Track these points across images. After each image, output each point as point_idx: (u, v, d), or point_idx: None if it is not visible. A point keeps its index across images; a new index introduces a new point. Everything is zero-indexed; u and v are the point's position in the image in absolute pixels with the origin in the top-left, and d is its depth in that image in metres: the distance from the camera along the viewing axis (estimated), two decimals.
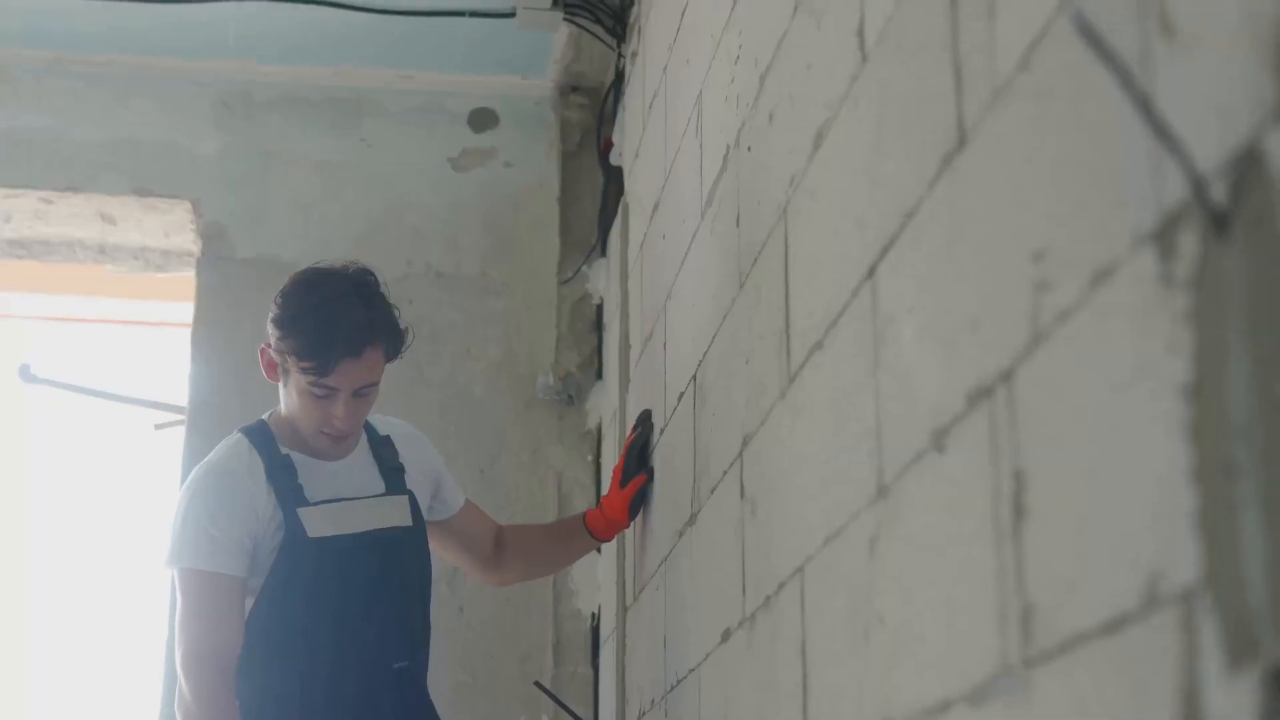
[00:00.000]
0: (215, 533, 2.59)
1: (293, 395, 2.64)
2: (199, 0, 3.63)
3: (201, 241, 3.84)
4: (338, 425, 2.63)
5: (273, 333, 2.64)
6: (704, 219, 2.58)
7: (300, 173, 3.90)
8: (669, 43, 3.04)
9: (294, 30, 3.78)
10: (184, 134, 3.88)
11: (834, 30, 1.82)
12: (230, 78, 3.91)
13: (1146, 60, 1.03)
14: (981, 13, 1.35)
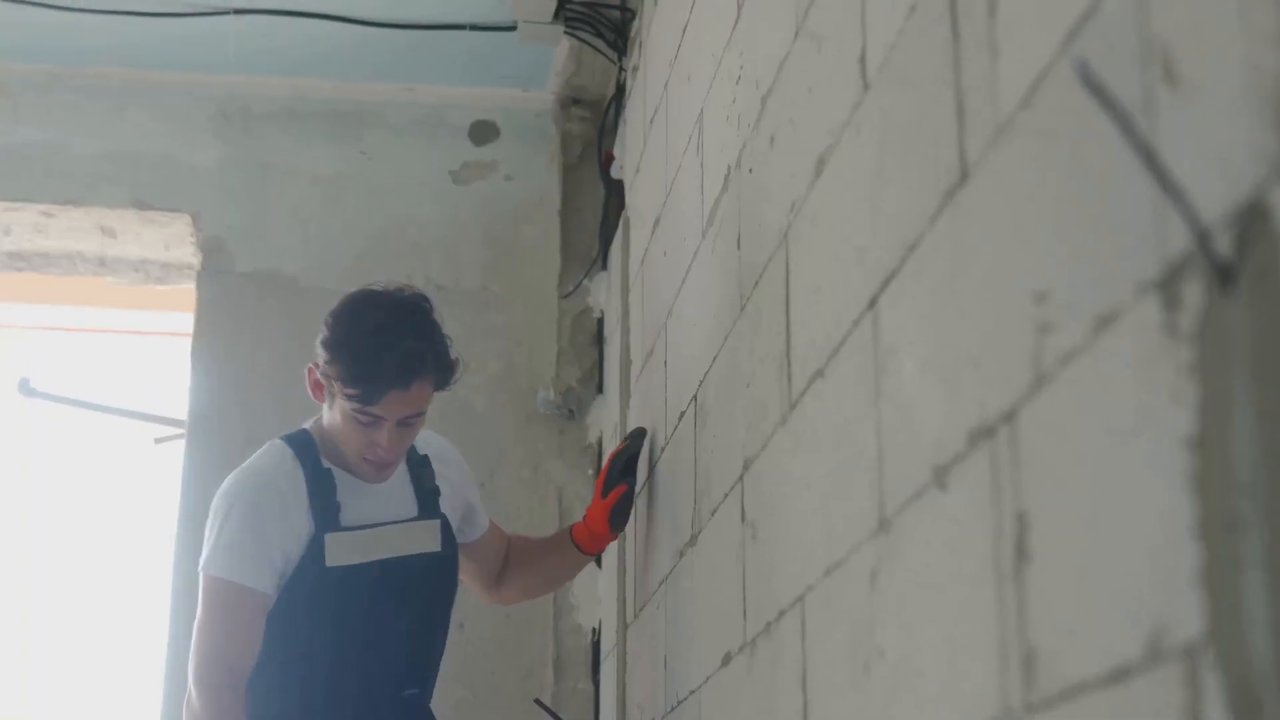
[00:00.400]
0: (251, 546, 2.57)
1: (337, 418, 2.60)
2: (197, 14, 3.62)
3: (201, 255, 3.83)
4: (381, 454, 2.59)
5: (321, 354, 2.59)
6: (705, 238, 2.58)
7: (300, 186, 3.89)
8: (670, 58, 3.04)
9: (294, 44, 3.78)
10: (183, 147, 3.88)
11: (835, 56, 1.81)
12: (230, 90, 3.90)
13: (1149, 107, 1.03)
14: (984, 48, 1.34)
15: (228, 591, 2.58)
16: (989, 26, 1.33)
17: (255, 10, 3.62)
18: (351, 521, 2.63)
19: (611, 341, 3.72)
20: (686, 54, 2.88)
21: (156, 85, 3.88)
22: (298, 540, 2.59)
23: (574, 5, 3.58)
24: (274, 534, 2.58)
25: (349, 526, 2.62)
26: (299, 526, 2.59)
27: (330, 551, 2.59)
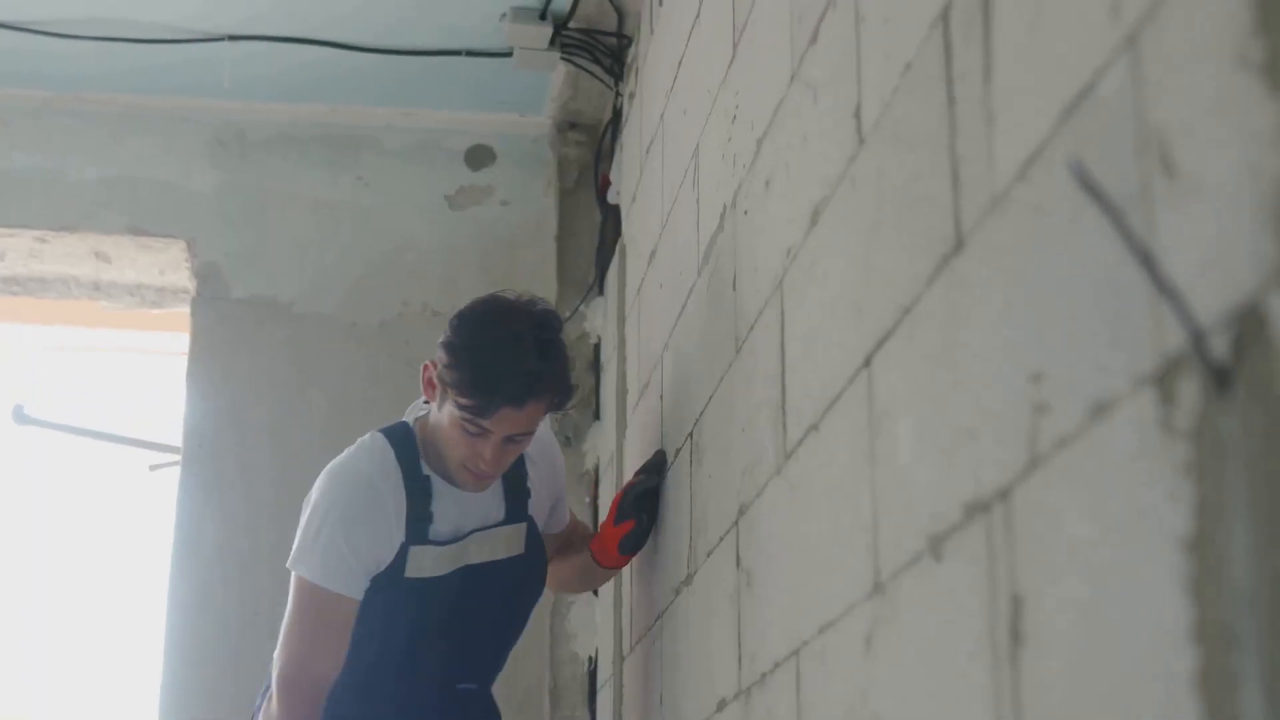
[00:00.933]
0: (347, 552, 2.53)
1: (444, 422, 2.53)
2: (192, 41, 3.61)
3: (196, 281, 3.81)
4: (483, 467, 2.54)
5: (441, 356, 2.51)
6: (700, 275, 2.56)
7: (296, 211, 3.87)
8: (666, 89, 3.02)
9: (289, 69, 3.76)
10: (179, 172, 3.86)
11: (831, 106, 1.80)
12: (226, 116, 3.89)
13: (1146, 197, 1.01)
14: (979, 115, 1.32)
15: (320, 598, 2.55)
16: (984, 93, 1.31)
17: (250, 36, 3.61)
18: (441, 532, 2.59)
19: (608, 368, 3.70)
20: (682, 87, 2.86)
21: (152, 111, 3.87)
22: (389, 548, 2.56)
23: (570, 32, 3.57)
24: (371, 541, 2.55)
25: (436, 540, 2.59)
26: (393, 534, 2.56)
27: (412, 564, 2.57)
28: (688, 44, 2.82)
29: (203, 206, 3.85)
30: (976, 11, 1.34)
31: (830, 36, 1.82)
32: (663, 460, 2.80)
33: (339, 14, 3.59)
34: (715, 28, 2.54)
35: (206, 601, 3.66)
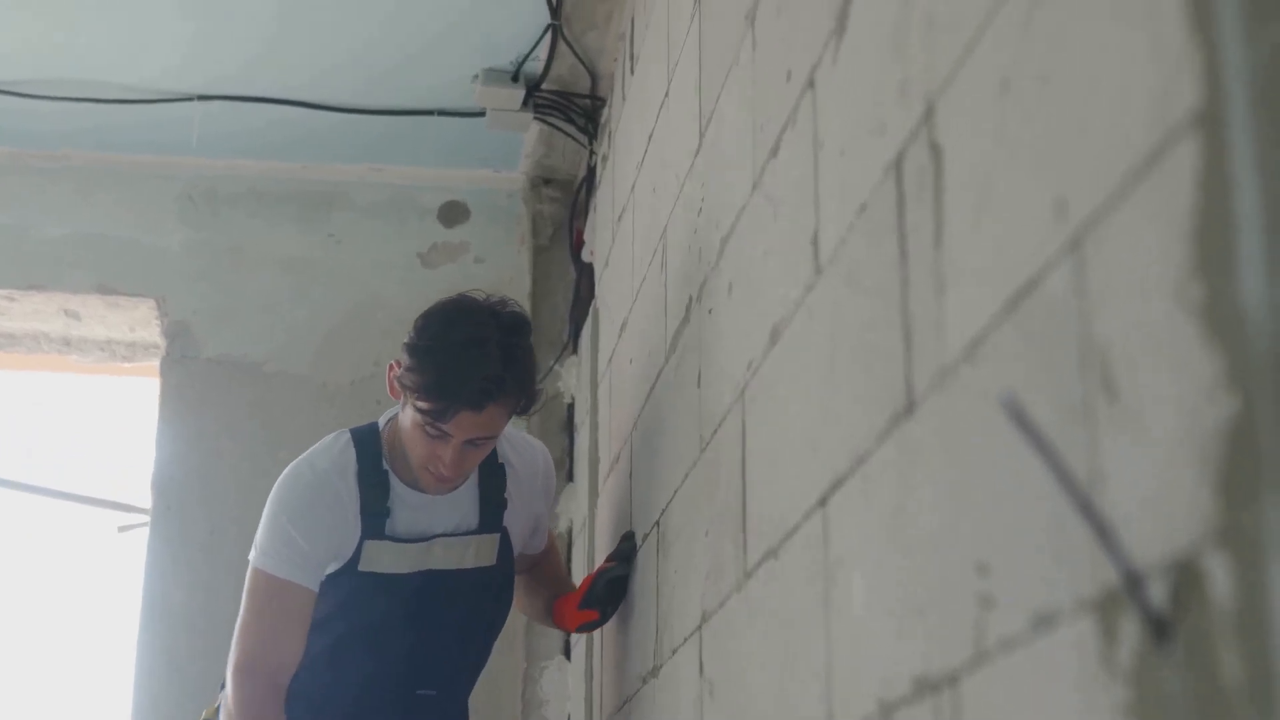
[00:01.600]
0: (303, 543, 2.53)
1: (406, 423, 2.51)
2: (160, 101, 3.57)
3: (165, 340, 3.77)
4: (443, 470, 2.51)
5: (403, 358, 2.49)
6: (668, 363, 2.53)
7: (267, 269, 3.84)
8: (637, 161, 2.99)
9: (259, 127, 3.73)
10: (148, 230, 3.83)
11: (790, 227, 1.77)
12: (195, 172, 3.85)
13: (1088, 415, 0.98)
14: (930, 280, 1.29)
15: (275, 587, 2.54)
16: (935, 258, 1.28)
17: (219, 96, 3.57)
18: (399, 531, 2.57)
19: (582, 430, 3.67)
20: (653, 163, 2.83)
21: (121, 168, 3.83)
22: (346, 542, 2.55)
23: (543, 93, 3.53)
24: (324, 532, 2.54)
25: (394, 537, 2.56)
26: (349, 528, 2.55)
27: (366, 557, 2.55)
28: (658, 119, 2.79)
29: (172, 264, 3.81)
30: (928, 168, 1.31)
31: (790, 153, 1.79)
32: (632, 548, 2.75)
33: (308, 74, 3.56)
34: (683, 112, 2.51)
35: (174, 663, 3.62)
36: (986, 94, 1.19)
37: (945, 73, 1.28)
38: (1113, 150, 0.97)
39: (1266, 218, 0.81)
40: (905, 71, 1.39)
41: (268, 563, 2.56)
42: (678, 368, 2.44)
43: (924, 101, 1.33)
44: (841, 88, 1.59)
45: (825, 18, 1.66)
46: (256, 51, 3.45)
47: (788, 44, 1.83)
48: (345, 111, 3.63)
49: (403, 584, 2.58)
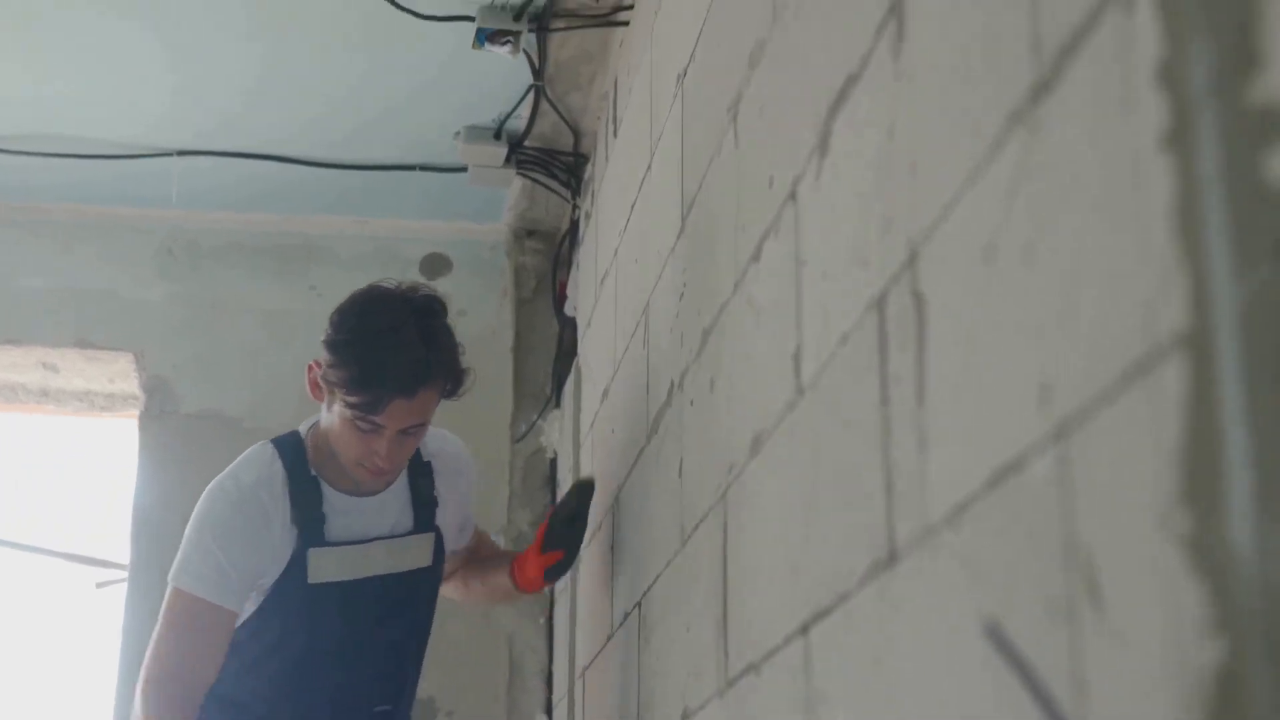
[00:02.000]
0: (225, 563, 2.48)
1: (335, 423, 2.47)
2: (139, 156, 3.54)
3: (144, 395, 3.74)
4: (379, 463, 2.47)
5: (323, 356, 2.46)
6: (649, 443, 2.51)
7: (247, 323, 3.81)
8: (620, 228, 2.97)
9: (240, 180, 3.70)
10: (127, 283, 3.80)
11: (772, 337, 1.74)
12: (176, 225, 3.83)
13: (1072, 617, 0.96)
14: (913, 434, 1.27)
15: (196, 607, 2.49)
16: (918, 413, 1.26)
17: (199, 152, 3.54)
18: (338, 536, 2.53)
19: (564, 489, 3.64)
20: (635, 233, 2.81)
21: (100, 220, 3.80)
22: (278, 555, 2.50)
23: (526, 150, 3.51)
24: (251, 551, 2.49)
25: (334, 541, 2.52)
26: (281, 540, 2.50)
27: (314, 567, 2.51)
28: (640, 190, 2.76)
29: (151, 318, 3.78)
30: (911, 316, 1.29)
31: (772, 263, 1.77)
32: (589, 485, 2.75)
33: (289, 130, 3.53)
34: (665, 189, 2.49)
35: None
36: (971, 256, 1.16)
37: (928, 223, 1.26)
38: (1099, 350, 0.95)
39: (1256, 455, 0.79)
40: (888, 209, 1.36)
41: (188, 582, 2.50)
42: (659, 451, 2.41)
43: (907, 246, 1.31)
44: (824, 208, 1.57)
45: (807, 132, 1.63)
46: (237, 107, 3.42)
47: (770, 149, 1.81)
48: (326, 166, 3.60)
49: (350, 591, 2.53)
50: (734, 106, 2.00)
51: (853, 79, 1.49)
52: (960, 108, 1.20)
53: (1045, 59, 1.05)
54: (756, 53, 1.90)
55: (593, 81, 3.23)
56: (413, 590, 2.63)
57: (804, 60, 1.67)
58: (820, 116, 1.59)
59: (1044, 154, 1.05)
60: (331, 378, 2.44)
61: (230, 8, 3.04)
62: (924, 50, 1.29)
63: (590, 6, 2.97)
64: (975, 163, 1.16)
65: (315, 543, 2.51)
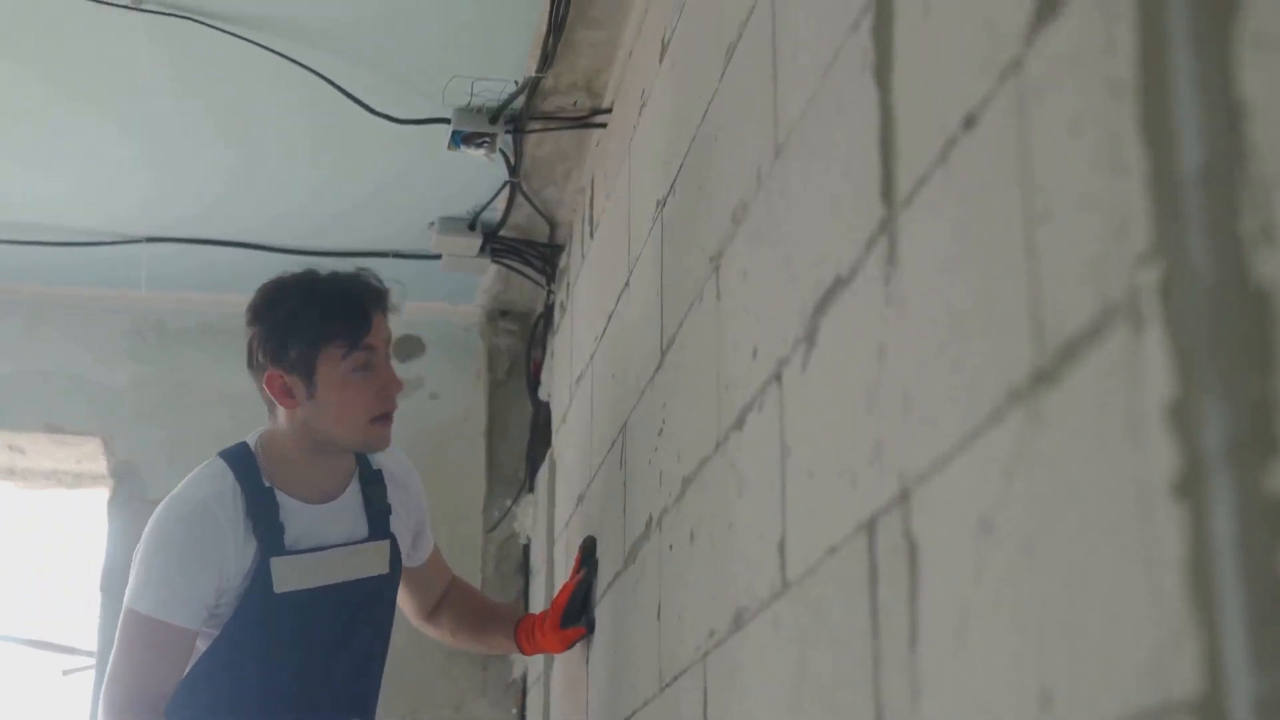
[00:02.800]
0: (180, 582, 2.45)
1: (330, 396, 2.47)
2: (108, 244, 3.50)
3: (113, 481, 3.69)
4: (394, 390, 2.51)
5: (279, 348, 2.48)
6: (626, 569, 2.47)
7: (217, 405, 3.76)
8: (597, 334, 2.94)
9: (210, 263, 3.66)
10: (95, 365, 3.75)
11: (755, 515, 1.71)
12: (144, 306, 3.78)
13: None
14: (905, 681, 1.24)
15: (154, 628, 2.46)
16: (910, 660, 1.23)
17: (170, 239, 3.50)
18: (297, 544, 2.51)
19: (537, 577, 3.60)
20: (612, 345, 2.78)
21: (67, 301, 3.75)
22: (238, 567, 2.47)
23: (501, 239, 3.47)
24: (209, 568, 2.45)
25: (294, 550, 2.50)
26: (240, 553, 2.47)
27: (278, 577, 2.48)
28: (617, 304, 2.73)
29: (119, 401, 3.73)
30: (903, 557, 1.26)
31: (756, 439, 1.74)
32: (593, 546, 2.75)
33: (260, 219, 3.49)
34: (645, 316, 2.45)
35: None
36: (966, 522, 1.14)
37: (923, 466, 1.23)
38: (1106, 678, 0.92)
39: None
40: (879, 434, 1.34)
41: (144, 604, 2.47)
42: (636, 584, 2.38)
43: (899, 481, 1.28)
44: (810, 406, 1.54)
45: (793, 317, 1.61)
46: (210, 199, 3.38)
47: (754, 318, 1.78)
48: (299, 254, 3.55)
49: (313, 600, 2.51)
50: (716, 259, 1.97)
51: (841, 282, 1.46)
52: (956, 360, 1.17)
53: (1047, 350, 1.02)
54: (739, 212, 1.87)
55: (569, 177, 3.20)
56: (374, 597, 2.61)
57: (790, 240, 1.64)
58: (806, 308, 1.56)
59: (1046, 447, 1.02)
60: (305, 350, 2.46)
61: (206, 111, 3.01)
62: (917, 285, 1.26)
63: (567, 110, 2.93)
64: (974, 425, 1.14)
65: (276, 551, 2.48)
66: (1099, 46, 0.97)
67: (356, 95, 2.84)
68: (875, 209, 1.37)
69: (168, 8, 2.62)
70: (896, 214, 1.32)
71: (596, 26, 2.66)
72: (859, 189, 1.42)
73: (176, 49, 2.75)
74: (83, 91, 2.93)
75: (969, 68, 1.18)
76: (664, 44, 2.42)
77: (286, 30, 2.70)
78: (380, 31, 2.74)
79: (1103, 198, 0.95)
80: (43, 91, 2.92)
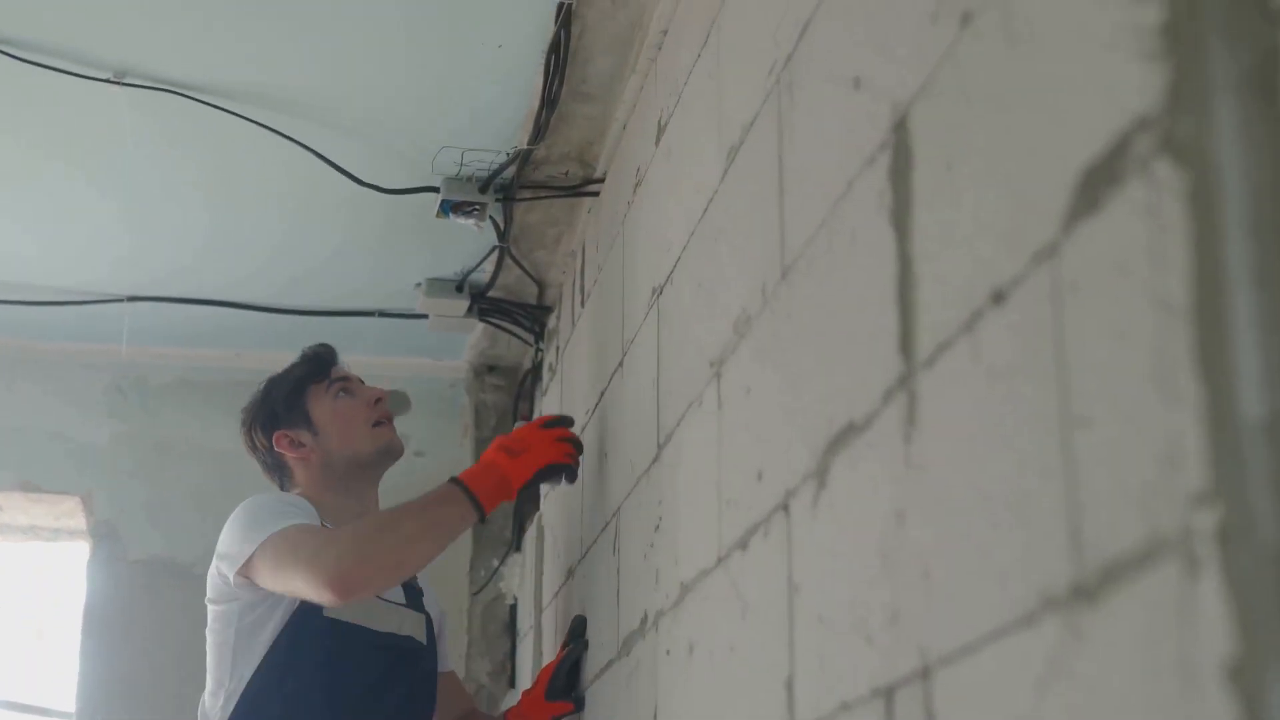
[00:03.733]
0: (298, 512, 2.47)
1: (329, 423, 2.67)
2: (89, 303, 3.43)
3: (92, 541, 3.62)
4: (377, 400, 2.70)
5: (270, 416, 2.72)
6: (620, 659, 2.42)
7: (198, 463, 3.69)
8: (589, 408, 2.88)
9: (191, 319, 3.59)
10: (74, 423, 3.68)
11: (760, 647, 1.66)
12: (125, 361, 3.70)
13: None
14: None
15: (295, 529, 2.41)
16: None
17: (152, 298, 3.44)
18: None
19: (525, 640, 3.54)
20: (605, 423, 2.72)
21: (46, 357, 3.69)
22: None
23: (489, 299, 3.41)
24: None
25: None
26: None
27: (351, 607, 2.44)
28: (610, 383, 2.68)
29: (98, 459, 3.66)
30: None
31: (762, 563, 1.68)
32: (582, 624, 2.72)
33: (243, 275, 3.43)
34: (639, 407, 2.40)
35: None
36: None
37: (947, 650, 1.17)
38: None
39: None
40: (897, 598, 1.28)
41: (273, 525, 2.41)
42: (630, 678, 2.33)
43: (919, 655, 1.22)
44: (821, 550, 1.49)
45: (803, 450, 1.55)
46: (190, 259, 3.32)
47: (758, 438, 1.73)
48: (282, 313, 3.49)
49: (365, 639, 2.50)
50: (717, 365, 1.92)
51: (855, 429, 1.41)
52: (983, 547, 1.12)
53: (1087, 565, 0.97)
54: (742, 324, 1.82)
55: (559, 242, 3.15)
56: (412, 657, 2.59)
57: (798, 369, 1.59)
58: (817, 444, 1.51)
59: (1085, 668, 0.97)
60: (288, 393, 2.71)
61: (187, 175, 2.95)
62: (940, 455, 1.21)
63: (558, 179, 2.88)
64: (1003, 621, 1.08)
65: None
66: (1145, 256, 0.92)
67: (343, 166, 2.79)
68: (893, 361, 1.32)
69: (151, 81, 2.56)
70: (916, 372, 1.27)
71: (589, 101, 2.61)
72: (875, 336, 1.37)
73: (160, 119, 2.69)
74: (65, 155, 2.87)
75: (997, 239, 1.13)
76: (660, 126, 2.37)
77: (271, 102, 2.65)
78: (368, 103, 2.68)
79: (1150, 421, 0.90)
80: (26, 156, 2.87)
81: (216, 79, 2.58)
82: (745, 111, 1.87)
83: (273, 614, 2.49)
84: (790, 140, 1.68)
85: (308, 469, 2.69)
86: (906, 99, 1.33)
